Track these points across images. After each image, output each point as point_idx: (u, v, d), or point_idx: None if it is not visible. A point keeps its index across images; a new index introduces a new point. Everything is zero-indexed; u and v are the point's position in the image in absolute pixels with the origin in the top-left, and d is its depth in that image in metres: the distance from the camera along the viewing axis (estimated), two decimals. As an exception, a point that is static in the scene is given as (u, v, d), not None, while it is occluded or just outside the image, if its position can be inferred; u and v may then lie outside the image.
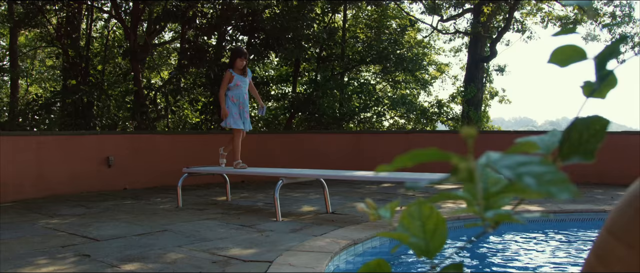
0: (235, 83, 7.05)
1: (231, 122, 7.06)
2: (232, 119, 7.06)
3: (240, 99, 7.08)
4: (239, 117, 7.07)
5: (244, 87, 7.10)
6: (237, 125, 7.07)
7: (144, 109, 11.62)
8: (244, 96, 7.12)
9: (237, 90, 7.05)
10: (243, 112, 7.11)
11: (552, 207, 6.46)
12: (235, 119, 7.06)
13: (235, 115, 7.05)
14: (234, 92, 7.04)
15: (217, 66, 11.62)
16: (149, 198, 7.88)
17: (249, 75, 7.25)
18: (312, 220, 5.78)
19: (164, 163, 9.62)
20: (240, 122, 7.09)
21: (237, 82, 7.06)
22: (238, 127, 7.07)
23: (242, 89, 7.08)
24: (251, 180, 10.34)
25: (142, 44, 11.82)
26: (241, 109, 7.09)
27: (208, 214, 6.25)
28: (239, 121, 7.08)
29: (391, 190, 8.72)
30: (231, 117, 7.06)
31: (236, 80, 7.06)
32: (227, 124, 7.09)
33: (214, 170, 7.22)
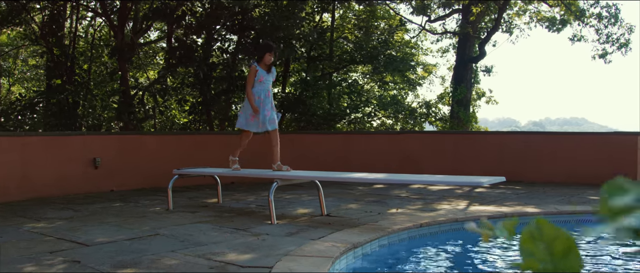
0: (259, 78, 6.54)
1: (243, 122, 6.63)
2: (245, 120, 6.61)
3: (262, 96, 6.54)
4: (252, 119, 6.55)
5: (267, 84, 6.60)
6: (249, 126, 6.61)
7: (131, 109, 11.40)
8: (265, 93, 6.58)
9: (259, 86, 6.53)
10: (263, 110, 6.52)
11: (549, 209, 6.39)
12: (248, 121, 6.59)
13: (248, 117, 6.57)
14: (256, 88, 6.54)
15: (206, 65, 11.45)
16: (137, 200, 7.69)
17: (273, 73, 6.74)
18: (308, 222, 5.65)
19: (152, 165, 9.42)
20: (254, 124, 6.57)
21: (260, 78, 6.55)
22: (248, 128, 6.63)
23: (265, 85, 6.57)
24: (241, 182, 10.18)
25: (129, 42, 11.60)
26: (261, 107, 6.53)
27: (200, 217, 6.09)
28: (251, 123, 6.58)
29: (383, 191, 8.62)
30: (243, 117, 6.62)
31: (260, 75, 6.54)
32: (240, 124, 6.68)
33: (205, 172, 7.06)
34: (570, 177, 9.56)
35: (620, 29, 19.45)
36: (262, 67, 6.56)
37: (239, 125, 6.70)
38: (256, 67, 6.55)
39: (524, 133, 11.94)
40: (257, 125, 6.58)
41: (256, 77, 6.51)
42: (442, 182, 5.92)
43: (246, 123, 6.60)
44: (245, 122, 6.60)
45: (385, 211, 6.41)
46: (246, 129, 6.64)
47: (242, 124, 6.64)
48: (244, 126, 6.62)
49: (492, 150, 10.35)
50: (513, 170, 9.81)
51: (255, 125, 6.59)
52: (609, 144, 9.61)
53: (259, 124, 6.56)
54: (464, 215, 5.92)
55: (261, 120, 6.53)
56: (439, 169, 10.01)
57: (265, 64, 6.57)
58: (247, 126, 6.60)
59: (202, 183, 9.60)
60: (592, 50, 19.94)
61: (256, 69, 6.54)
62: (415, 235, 5.34)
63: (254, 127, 6.60)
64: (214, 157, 9.89)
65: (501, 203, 6.91)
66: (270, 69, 6.67)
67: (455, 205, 6.87)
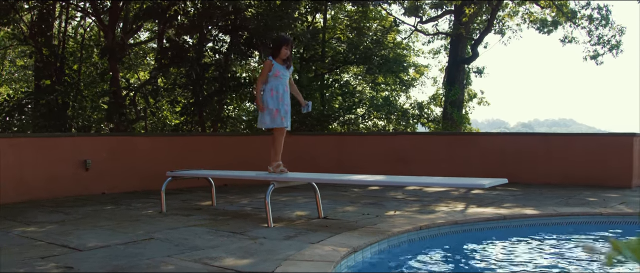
0: (275, 73, 6.09)
1: (268, 120, 6.10)
2: (269, 117, 6.09)
3: (280, 90, 6.08)
4: (276, 114, 6.06)
5: (285, 78, 6.16)
6: (276, 123, 6.09)
7: (122, 110, 11.22)
8: (284, 88, 6.13)
9: (277, 81, 6.08)
10: (282, 106, 6.08)
11: (548, 210, 6.33)
12: (273, 117, 6.08)
13: (272, 112, 6.07)
14: (273, 83, 6.08)
15: (199, 66, 11.30)
16: (129, 203, 7.54)
17: (291, 68, 6.33)
18: (305, 225, 5.54)
19: (144, 167, 9.27)
20: (277, 119, 6.08)
21: (276, 72, 6.09)
22: (276, 125, 6.10)
23: (283, 80, 6.13)
24: (234, 184, 10.05)
25: (119, 42, 11.43)
26: (280, 101, 6.07)
27: (194, 220, 5.96)
28: (277, 118, 6.08)
29: (379, 193, 8.53)
30: (267, 115, 6.10)
31: (275, 70, 6.09)
32: (263, 124, 6.16)
33: (199, 174, 6.93)
34: (565, 178, 9.52)
35: (611, 31, 19.54)
36: (278, 61, 6.13)
37: (263, 125, 6.18)
38: (271, 61, 6.12)
39: (518, 134, 11.91)
40: (280, 120, 6.11)
41: (271, 72, 6.09)
42: (442, 184, 5.85)
43: (272, 120, 6.10)
44: (271, 119, 6.11)
45: (383, 213, 6.32)
46: (274, 126, 6.14)
47: (267, 123, 6.13)
48: (271, 124, 6.13)
49: (486, 151, 10.30)
50: (508, 171, 9.74)
51: (278, 120, 6.12)
52: (604, 145, 9.59)
53: (282, 118, 6.10)
54: (463, 218, 5.84)
55: (284, 115, 6.11)
56: (433, 171, 9.93)
57: (281, 58, 6.14)
58: (274, 123, 6.11)
59: (195, 185, 9.46)
60: (583, 52, 19.99)
61: (271, 63, 6.11)
62: (415, 238, 5.26)
63: (278, 122, 6.12)
64: (207, 158, 9.77)
65: (499, 205, 6.84)
66: (288, 63, 6.23)
67: (452, 207, 6.79)
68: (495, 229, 5.82)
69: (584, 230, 5.90)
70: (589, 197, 7.68)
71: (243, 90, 12.49)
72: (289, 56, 6.21)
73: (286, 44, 6.16)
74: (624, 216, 6.21)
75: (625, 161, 9.28)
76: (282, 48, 6.12)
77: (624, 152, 9.31)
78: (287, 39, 6.27)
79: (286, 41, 6.20)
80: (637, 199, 7.46)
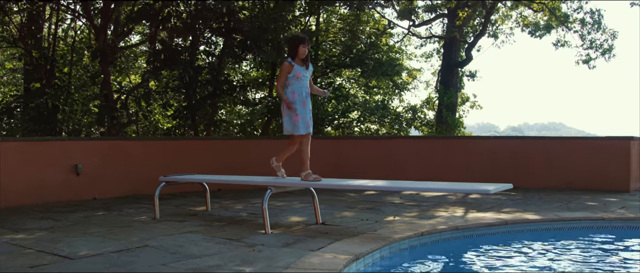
0: (295, 74, 5.73)
1: (289, 128, 5.79)
2: (291, 124, 5.77)
3: (303, 93, 5.74)
4: (297, 120, 5.73)
5: (306, 80, 5.82)
6: (298, 130, 5.76)
7: (114, 113, 11.02)
8: (306, 90, 5.80)
9: (298, 84, 5.74)
10: (305, 111, 5.76)
11: (550, 215, 6.23)
12: (294, 124, 5.75)
13: (293, 117, 5.74)
14: (294, 85, 5.74)
15: (192, 69, 11.13)
16: (121, 209, 7.36)
17: (310, 69, 5.97)
18: (304, 232, 5.40)
19: (136, 171, 9.09)
20: (301, 125, 5.75)
21: (296, 74, 5.73)
22: (300, 132, 5.77)
23: (304, 81, 5.79)
24: (227, 188, 9.88)
25: (111, 44, 11.25)
26: (303, 106, 5.74)
27: (189, 226, 5.80)
28: (300, 124, 5.74)
29: (376, 198, 8.40)
30: (288, 121, 5.79)
31: (296, 72, 5.73)
32: (286, 130, 5.85)
33: (193, 179, 6.77)
34: (563, 182, 9.43)
35: (603, 35, 19.56)
36: (297, 62, 5.77)
37: (286, 131, 5.89)
38: (290, 62, 5.75)
39: (515, 138, 11.83)
40: (305, 126, 5.78)
41: (291, 73, 5.73)
42: (447, 190, 5.74)
43: (293, 127, 5.77)
44: (292, 125, 5.78)
45: (382, 219, 6.19)
46: (294, 133, 5.80)
47: (288, 129, 5.82)
48: (292, 130, 5.79)
49: (482, 155, 10.20)
50: (505, 175, 9.65)
51: (303, 127, 5.78)
52: (601, 149, 9.51)
53: (307, 124, 5.79)
54: (464, 223, 5.73)
55: (309, 120, 5.81)
56: (430, 175, 9.80)
57: (300, 58, 5.78)
58: (295, 130, 5.77)
59: (188, 190, 9.28)
60: (576, 56, 20.02)
61: (290, 65, 5.73)
62: (416, 244, 5.13)
63: (303, 129, 5.79)
64: (200, 163, 9.60)
65: (499, 210, 6.73)
66: (307, 63, 5.89)
67: (452, 212, 6.67)
68: (497, 235, 5.71)
69: (586, 235, 5.80)
70: (588, 202, 7.59)
71: (237, 94, 12.32)
72: (307, 55, 5.88)
73: (303, 43, 5.79)
74: (626, 221, 6.12)
75: (623, 165, 9.21)
76: (299, 47, 5.75)
77: (622, 156, 9.24)
78: (303, 38, 5.89)
79: (302, 39, 5.82)
80: (637, 203, 7.38)
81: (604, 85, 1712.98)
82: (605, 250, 5.27)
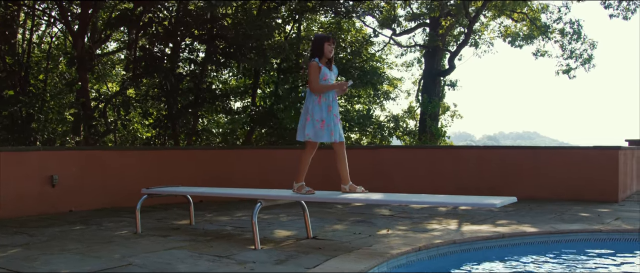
0: (322, 76, 5.31)
1: (311, 133, 5.30)
2: (313, 129, 5.29)
3: (329, 98, 5.33)
4: (322, 126, 5.28)
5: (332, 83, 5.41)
6: (318, 137, 5.32)
7: (92, 122, 10.62)
8: (333, 94, 5.38)
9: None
10: (330, 116, 5.32)
11: (546, 228, 6.08)
12: (317, 129, 5.29)
13: (317, 123, 5.28)
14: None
15: (174, 76, 10.80)
16: (100, 222, 7.01)
17: (335, 70, 5.58)
18: (295, 247, 5.15)
19: (114, 183, 8.73)
20: (325, 133, 5.30)
21: (324, 76, 5.32)
22: (319, 140, 5.35)
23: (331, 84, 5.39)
24: (209, 200, 9.56)
25: (88, 51, 10.87)
26: (329, 111, 5.33)
27: (174, 242, 5.50)
28: (321, 132, 5.29)
29: (365, 210, 8.18)
30: (311, 126, 5.29)
31: (324, 73, 5.32)
32: (307, 136, 5.33)
33: (177, 191, 6.48)
34: (552, 193, 9.32)
35: (583, 45, 19.75)
36: (322, 62, 5.36)
37: (301, 137, 5.42)
38: (318, 63, 5.31)
39: (502, 147, 11.73)
40: (329, 134, 5.32)
41: (321, 74, 5.28)
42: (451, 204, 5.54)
43: (315, 133, 5.31)
44: (314, 131, 5.30)
45: (375, 232, 5.97)
46: (315, 140, 5.34)
47: (309, 135, 5.32)
48: (313, 137, 5.31)
49: (469, 165, 10.06)
50: (493, 185, 9.55)
51: (326, 134, 5.32)
52: (589, 159, 9.43)
53: (331, 132, 5.31)
54: (461, 237, 5.53)
55: (333, 126, 5.33)
56: (416, 185, 9.64)
57: (326, 58, 5.37)
58: (317, 136, 5.31)
59: (169, 202, 8.95)
60: (556, 66, 20.15)
61: (319, 65, 5.30)
62: (414, 260, 4.93)
63: (326, 136, 5.32)
64: (182, 174, 9.28)
65: (494, 222, 6.56)
66: (332, 64, 5.49)
67: (445, 225, 6.48)
68: (495, 248, 5.54)
69: (585, 247, 5.66)
70: (581, 213, 7.47)
71: (220, 102, 12.00)
72: (332, 56, 5.48)
73: (328, 41, 5.38)
74: (624, 233, 6.00)
75: (611, 175, 9.14)
76: (325, 45, 5.34)
77: (610, 166, 9.17)
78: (327, 36, 5.52)
79: (327, 38, 5.43)
80: (631, 214, 7.28)
81: (577, 95, 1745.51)
82: (606, 264, 5.12)
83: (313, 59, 5.36)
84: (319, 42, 5.42)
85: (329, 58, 5.41)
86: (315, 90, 5.29)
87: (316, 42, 5.46)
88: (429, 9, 17.17)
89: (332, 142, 5.38)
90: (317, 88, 5.28)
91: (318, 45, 5.39)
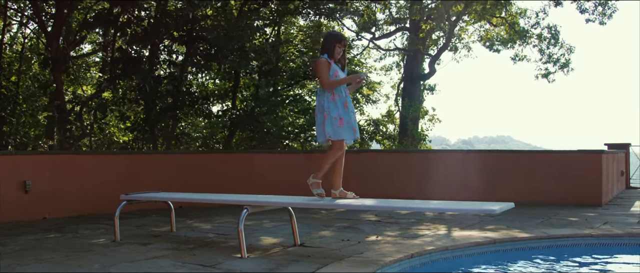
0: (334, 73, 4.99)
1: (330, 131, 4.92)
2: (332, 127, 4.92)
3: (343, 95, 5.00)
4: (340, 123, 4.93)
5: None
6: (339, 134, 4.94)
7: (67, 125, 10.25)
8: (346, 91, 5.05)
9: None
10: (348, 113, 4.99)
11: (537, 233, 5.98)
12: (336, 127, 4.93)
13: (335, 121, 4.92)
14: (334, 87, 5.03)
15: (152, 78, 10.50)
16: (76, 230, 6.72)
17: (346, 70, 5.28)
18: (284, 255, 4.96)
19: (90, 188, 8.43)
20: (346, 131, 4.96)
21: (335, 72, 5.00)
22: (340, 137, 4.96)
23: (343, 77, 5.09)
24: (189, 205, 9.30)
25: (63, 52, 10.51)
26: (345, 108, 4.99)
27: (155, 250, 5.26)
28: (341, 130, 4.94)
29: (351, 215, 8.01)
30: (330, 124, 4.93)
31: (335, 70, 5.01)
32: (327, 134, 4.94)
33: (158, 197, 6.24)
34: (536, 197, 9.26)
35: (561, 49, 19.92)
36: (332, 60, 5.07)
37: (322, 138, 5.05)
38: (327, 60, 5.00)
39: (486, 151, 11.68)
40: (351, 131, 4.99)
41: (330, 72, 4.97)
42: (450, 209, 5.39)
43: (334, 131, 4.94)
44: (333, 129, 4.94)
45: (364, 239, 5.80)
46: (335, 138, 4.95)
47: (329, 133, 4.95)
48: (333, 135, 4.94)
49: (453, 169, 9.97)
50: (478, 189, 9.47)
51: (348, 132, 4.98)
52: (572, 163, 9.42)
53: (353, 129, 4.97)
54: (453, 243, 5.40)
55: (354, 123, 5.01)
56: (402, 189, 9.53)
57: (334, 59, 5.07)
58: (337, 134, 4.94)
59: (148, 208, 8.66)
60: (535, 70, 20.31)
61: (329, 63, 4.98)
62: (407, 267, 4.77)
63: (348, 134, 4.99)
64: (160, 178, 9.01)
65: (483, 228, 6.45)
66: (344, 64, 5.18)
67: (434, 230, 6.35)
68: (487, 254, 5.42)
69: (577, 253, 5.59)
70: (569, 217, 7.42)
71: (199, 105, 11.72)
72: (343, 57, 5.20)
73: (339, 42, 5.07)
74: (614, 238, 5.94)
75: (595, 179, 9.13)
76: (335, 46, 5.04)
77: (593, 169, 9.17)
78: (339, 36, 5.20)
79: (339, 38, 5.12)
80: (618, 218, 7.25)
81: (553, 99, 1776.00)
82: (599, 269, 5.05)
83: (322, 56, 5.07)
84: (329, 41, 5.10)
85: (338, 60, 5.12)
86: (326, 86, 4.96)
87: (327, 41, 5.14)
88: (410, 12, 17.12)
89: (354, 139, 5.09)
90: (328, 83, 4.95)
91: (328, 44, 5.08)
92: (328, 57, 5.03)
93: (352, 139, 5.03)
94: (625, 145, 12.95)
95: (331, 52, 5.04)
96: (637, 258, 5.69)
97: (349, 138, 5.00)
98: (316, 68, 5.08)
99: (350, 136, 4.97)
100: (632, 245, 5.88)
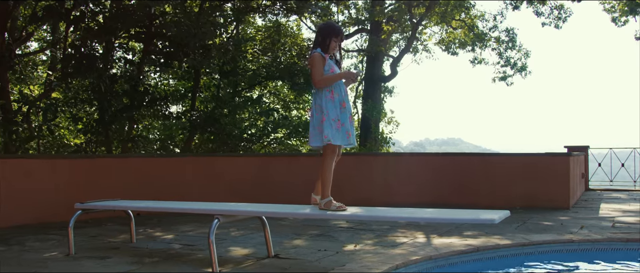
0: (330, 69, 4.51)
1: (330, 134, 4.37)
2: (331, 130, 4.40)
3: (342, 94, 4.53)
4: (338, 127, 4.43)
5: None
6: (336, 139, 4.42)
7: (14, 126, 9.52)
8: (344, 90, 4.56)
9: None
10: (345, 115, 4.50)
11: (519, 239, 5.80)
12: (334, 130, 4.41)
13: (334, 124, 4.41)
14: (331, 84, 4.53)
15: (108, 77, 9.88)
16: (23, 242, 6.14)
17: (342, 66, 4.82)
18: (258, 268, 4.58)
19: (39, 195, 7.80)
20: (341, 135, 4.45)
21: (331, 68, 4.52)
22: (336, 142, 4.43)
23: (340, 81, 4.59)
24: (148, 213, 8.76)
25: (8, 48, 9.78)
26: (343, 108, 4.51)
27: (115, 265, 4.79)
28: (338, 133, 4.43)
29: (318, 221, 7.66)
30: (329, 126, 4.39)
31: (330, 66, 4.54)
32: (326, 139, 4.38)
33: (118, 206, 5.73)
34: (505, 200, 9.15)
35: (518, 53, 20.21)
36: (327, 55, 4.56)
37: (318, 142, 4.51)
38: (322, 54, 4.48)
39: (455, 154, 11.57)
40: (345, 136, 4.48)
41: (326, 66, 4.47)
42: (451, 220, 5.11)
43: (333, 134, 4.42)
44: (332, 132, 4.41)
45: (341, 248, 5.48)
46: (335, 142, 4.42)
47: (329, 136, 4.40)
48: (333, 139, 4.40)
49: (422, 173, 9.78)
50: (449, 193, 9.32)
51: (342, 136, 4.47)
52: (540, 165, 9.38)
53: (347, 133, 4.47)
54: (437, 252, 5.13)
55: (349, 127, 4.51)
56: (371, 195, 9.27)
57: (330, 53, 4.59)
58: (335, 138, 4.42)
59: (102, 216, 8.08)
60: (493, 73, 20.55)
61: (323, 57, 4.47)
62: (393, 280, 4.47)
63: (342, 139, 4.47)
64: (116, 184, 8.46)
65: (461, 234, 6.23)
66: (340, 60, 4.74)
67: (412, 238, 6.08)
68: (471, 262, 5.19)
69: (561, 259, 5.44)
70: (543, 221, 7.30)
71: (157, 107, 11.14)
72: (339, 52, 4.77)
73: (336, 36, 4.56)
74: (594, 243, 5.83)
75: (563, 181, 9.11)
76: (331, 41, 4.53)
77: (562, 172, 9.15)
78: (337, 29, 4.65)
79: (336, 33, 4.59)
80: (591, 222, 7.17)
81: (508, 102, 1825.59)
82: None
83: (316, 50, 4.57)
84: (325, 34, 4.57)
85: (332, 56, 4.66)
86: (318, 83, 4.46)
87: (322, 34, 4.59)
88: (372, 13, 16.94)
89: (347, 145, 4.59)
90: (320, 80, 4.45)
91: (324, 37, 4.55)
92: (322, 52, 4.54)
93: (346, 144, 4.54)
94: (585, 147, 13.12)
95: (326, 46, 4.53)
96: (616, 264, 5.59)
97: (343, 143, 4.51)
98: (309, 63, 4.63)
99: (344, 141, 4.47)
100: (610, 250, 5.81)
